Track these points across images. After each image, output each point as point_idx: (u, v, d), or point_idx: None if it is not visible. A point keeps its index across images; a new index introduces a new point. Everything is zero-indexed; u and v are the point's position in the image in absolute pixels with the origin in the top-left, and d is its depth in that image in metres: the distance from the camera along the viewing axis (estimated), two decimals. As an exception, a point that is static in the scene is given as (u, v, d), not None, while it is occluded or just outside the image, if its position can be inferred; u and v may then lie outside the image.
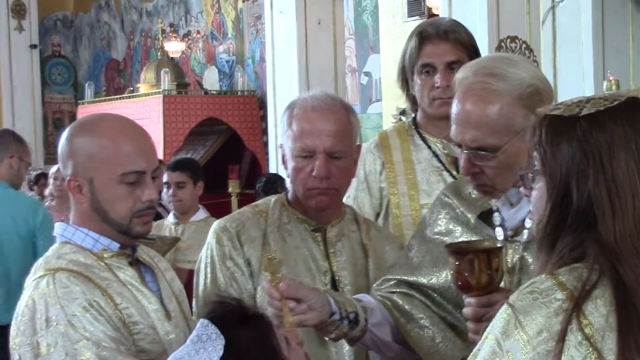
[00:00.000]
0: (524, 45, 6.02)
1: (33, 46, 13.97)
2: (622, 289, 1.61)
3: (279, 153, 2.79)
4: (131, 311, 2.22)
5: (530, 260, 2.34)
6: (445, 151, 3.15)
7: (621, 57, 6.43)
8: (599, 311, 1.60)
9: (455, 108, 2.31)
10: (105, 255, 2.29)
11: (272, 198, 2.77)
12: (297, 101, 2.68)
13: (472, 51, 3.16)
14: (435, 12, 8.35)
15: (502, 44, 6.07)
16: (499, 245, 2.24)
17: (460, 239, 2.43)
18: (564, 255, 1.67)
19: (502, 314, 1.65)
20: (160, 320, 2.29)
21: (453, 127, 2.32)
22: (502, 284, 2.33)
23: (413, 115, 3.28)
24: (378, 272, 2.69)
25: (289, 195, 2.73)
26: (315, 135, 2.59)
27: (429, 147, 3.16)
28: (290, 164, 2.64)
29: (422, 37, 3.14)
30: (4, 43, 13.71)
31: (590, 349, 1.58)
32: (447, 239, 2.44)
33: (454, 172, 3.11)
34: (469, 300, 2.21)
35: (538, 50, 6.49)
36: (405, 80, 3.21)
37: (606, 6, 6.38)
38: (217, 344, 2.00)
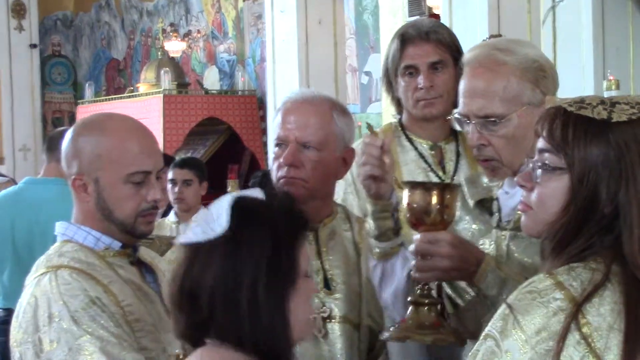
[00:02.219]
0: (508, 42, 5.99)
1: (33, 46, 13.97)
2: (635, 299, 1.61)
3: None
4: (133, 309, 2.23)
5: (514, 249, 2.36)
6: (432, 152, 3.17)
7: (621, 56, 6.42)
8: (599, 311, 1.61)
9: (462, 83, 2.36)
10: (106, 254, 2.29)
11: None
12: (287, 97, 2.73)
13: (455, 51, 3.18)
14: (435, 11, 8.35)
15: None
16: (454, 184, 2.25)
17: (467, 227, 2.45)
18: (572, 257, 1.68)
19: (501, 314, 1.66)
20: (162, 319, 2.29)
21: (461, 100, 2.36)
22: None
23: (399, 116, 3.29)
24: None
25: None
26: (290, 124, 2.64)
27: (416, 148, 3.17)
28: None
29: (404, 38, 3.15)
30: (4, 43, 13.70)
31: (588, 348, 1.58)
32: (457, 228, 2.45)
33: (440, 173, 3.13)
34: (415, 236, 2.22)
35: (538, 50, 6.49)
36: (389, 83, 3.22)
37: (606, 6, 6.37)
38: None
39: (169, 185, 5.81)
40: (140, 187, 2.28)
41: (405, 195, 2.22)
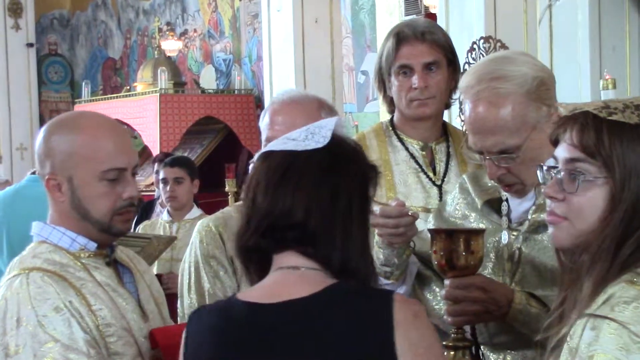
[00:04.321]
0: (498, 44, 5.96)
1: (30, 45, 13.96)
2: None
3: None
4: (104, 313, 2.19)
5: (526, 251, 2.38)
6: (423, 152, 3.18)
7: (618, 55, 6.42)
8: None
9: (468, 118, 2.34)
10: (82, 255, 2.25)
11: None
12: (274, 98, 2.74)
13: (449, 52, 3.18)
14: (432, 10, 8.36)
15: (475, 45, 6.02)
16: (479, 229, 2.27)
17: (473, 225, 2.45)
18: (627, 262, 1.65)
19: (606, 331, 1.58)
20: (136, 321, 2.26)
21: (470, 136, 2.36)
22: (500, 274, 2.36)
23: (390, 116, 3.29)
24: None
25: None
26: (278, 125, 2.64)
27: (407, 148, 3.18)
28: None
29: (399, 38, 3.15)
30: (1, 41, 13.69)
31: None
32: (463, 223, 2.46)
33: (431, 174, 3.13)
34: (445, 281, 2.27)
35: (535, 49, 6.49)
36: (382, 82, 3.22)
37: (603, 5, 6.38)
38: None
39: (161, 185, 5.82)
40: (116, 185, 2.24)
41: (431, 243, 2.27)
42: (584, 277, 1.70)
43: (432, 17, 7.65)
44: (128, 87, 12.18)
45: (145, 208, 6.94)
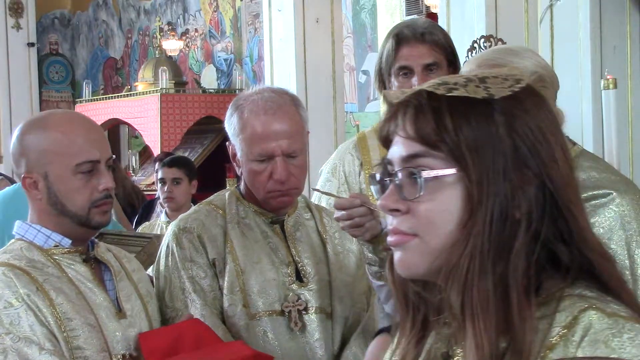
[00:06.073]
0: (499, 43, 5.96)
1: (30, 44, 13.96)
2: None
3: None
4: (65, 308, 2.22)
5: None
6: None
7: (619, 55, 6.41)
8: None
9: None
10: (55, 252, 2.30)
11: (226, 193, 2.74)
12: (245, 103, 2.63)
13: (450, 53, 3.16)
14: (433, 10, 8.36)
15: (475, 44, 6.02)
16: None
17: None
18: (529, 288, 1.24)
19: None
20: (108, 317, 2.29)
21: None
22: None
23: None
24: (336, 257, 2.69)
25: (242, 188, 2.70)
26: (271, 139, 2.55)
27: None
28: (246, 167, 2.60)
29: (399, 39, 3.13)
30: (2, 41, 13.70)
31: None
32: None
33: None
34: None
35: (536, 49, 6.48)
36: (382, 82, 3.20)
37: (604, 4, 6.37)
38: None
39: (159, 185, 5.82)
40: (91, 177, 2.28)
41: None
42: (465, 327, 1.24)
43: (433, 17, 7.65)
44: (129, 87, 12.19)
45: (145, 207, 6.95)
